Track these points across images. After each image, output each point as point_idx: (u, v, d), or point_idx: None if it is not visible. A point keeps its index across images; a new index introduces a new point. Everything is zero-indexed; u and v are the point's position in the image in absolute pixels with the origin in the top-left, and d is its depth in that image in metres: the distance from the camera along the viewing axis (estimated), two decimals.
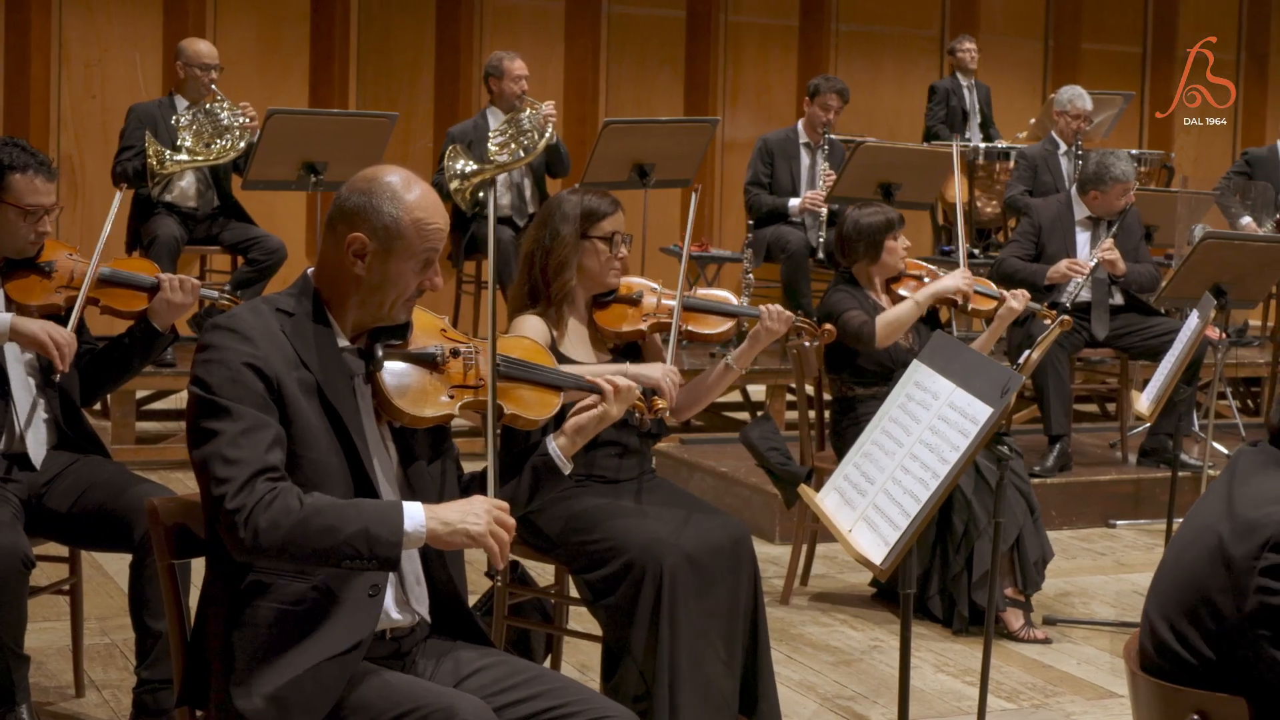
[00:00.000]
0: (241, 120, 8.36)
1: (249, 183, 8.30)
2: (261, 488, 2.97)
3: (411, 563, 3.28)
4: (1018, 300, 6.41)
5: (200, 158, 8.27)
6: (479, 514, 3.07)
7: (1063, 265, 7.85)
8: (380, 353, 3.25)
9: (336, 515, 2.99)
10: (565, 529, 4.50)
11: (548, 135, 9.05)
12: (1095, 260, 7.77)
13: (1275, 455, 2.75)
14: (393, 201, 3.19)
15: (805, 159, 9.56)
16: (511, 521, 3.11)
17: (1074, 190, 8.25)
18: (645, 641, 4.32)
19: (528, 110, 9.09)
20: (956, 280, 6.39)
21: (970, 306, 6.48)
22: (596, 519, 4.48)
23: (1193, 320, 6.35)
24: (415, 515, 3.04)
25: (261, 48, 11.24)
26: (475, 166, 8.94)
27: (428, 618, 3.33)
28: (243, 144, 8.31)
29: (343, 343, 3.24)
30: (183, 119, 8.32)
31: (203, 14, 10.96)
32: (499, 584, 4.43)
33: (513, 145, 9.04)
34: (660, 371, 4.46)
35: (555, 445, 3.55)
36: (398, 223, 3.18)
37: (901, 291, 6.44)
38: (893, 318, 6.25)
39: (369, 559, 2.99)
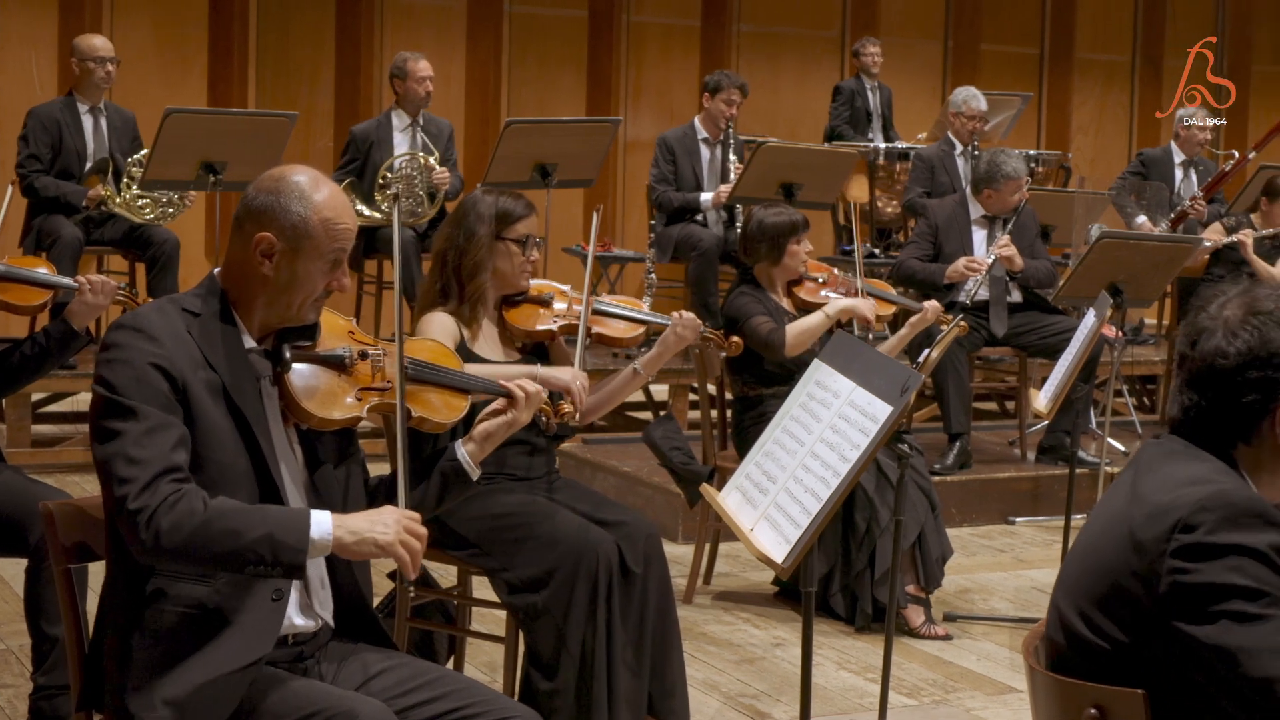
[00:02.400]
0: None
1: (146, 183, 8.22)
2: (165, 488, 2.94)
3: (316, 567, 3.25)
4: (931, 311, 6.46)
5: (148, 214, 8.36)
6: (388, 524, 3.04)
7: (960, 264, 7.92)
8: (288, 354, 3.22)
9: (241, 520, 2.96)
10: (484, 530, 4.49)
11: (439, 199, 9.03)
12: (992, 257, 7.85)
13: (1177, 445, 2.79)
14: (301, 201, 3.17)
15: (706, 154, 9.59)
16: (423, 531, 3.09)
17: (969, 190, 8.32)
18: (582, 635, 4.33)
19: (420, 161, 9.02)
20: (866, 311, 6.43)
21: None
22: (517, 519, 4.49)
23: (1090, 319, 6.42)
24: (322, 523, 3.01)
25: (160, 46, 11.11)
26: (367, 212, 8.92)
27: (331, 622, 3.31)
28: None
29: (250, 343, 3.21)
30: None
31: (99, 12, 10.83)
32: (411, 592, 4.41)
33: (401, 202, 9.00)
34: (570, 375, 4.47)
35: (464, 451, 3.54)
36: (306, 222, 3.16)
37: (802, 295, 6.47)
38: (804, 328, 6.26)
39: (273, 565, 2.97)
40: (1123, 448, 8.73)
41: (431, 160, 9.06)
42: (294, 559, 2.97)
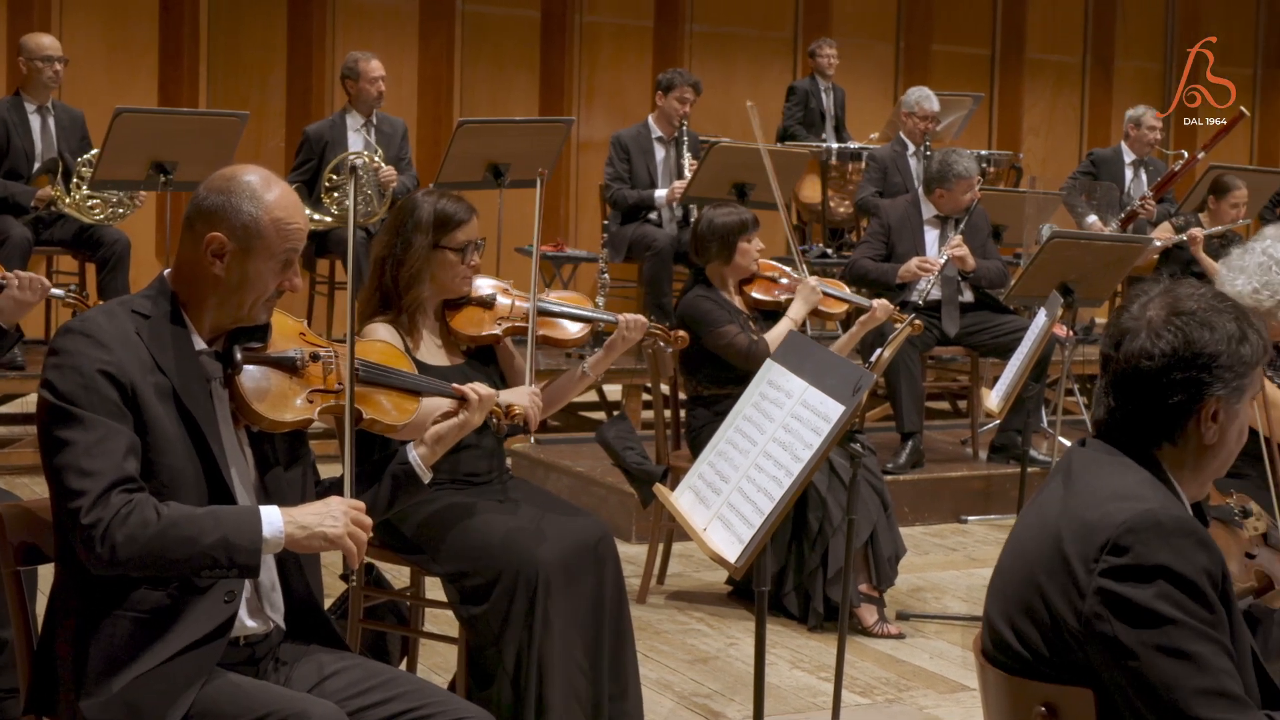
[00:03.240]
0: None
1: (96, 183, 8.17)
2: (117, 500, 2.93)
3: (267, 569, 3.25)
4: (881, 309, 6.47)
5: (98, 214, 8.31)
6: (336, 516, 3.06)
7: (913, 264, 7.95)
8: (239, 355, 3.21)
9: (194, 526, 2.96)
10: (432, 534, 4.48)
11: (387, 197, 8.99)
12: (945, 257, 7.88)
13: (1104, 450, 2.80)
14: (252, 201, 3.16)
15: (660, 153, 9.59)
16: (369, 521, 3.11)
17: (921, 190, 8.35)
18: (518, 649, 4.32)
19: (362, 161, 8.98)
20: (813, 297, 6.44)
21: (822, 309, 6.56)
22: (464, 524, 4.46)
23: (1041, 318, 6.45)
24: (273, 521, 3.02)
25: (109, 46, 11.04)
26: (316, 215, 8.88)
27: (282, 624, 3.30)
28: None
29: (200, 345, 3.20)
30: None
31: (48, 11, 10.76)
32: (353, 584, 4.38)
33: (356, 197, 8.95)
34: (527, 401, 4.28)
35: (415, 454, 3.53)
36: (257, 222, 3.15)
37: (755, 293, 6.48)
38: (778, 336, 6.26)
39: (229, 568, 2.98)
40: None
41: (377, 159, 9.02)
42: (249, 560, 2.99)
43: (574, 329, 4.91)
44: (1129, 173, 10.78)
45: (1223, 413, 2.76)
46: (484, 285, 4.75)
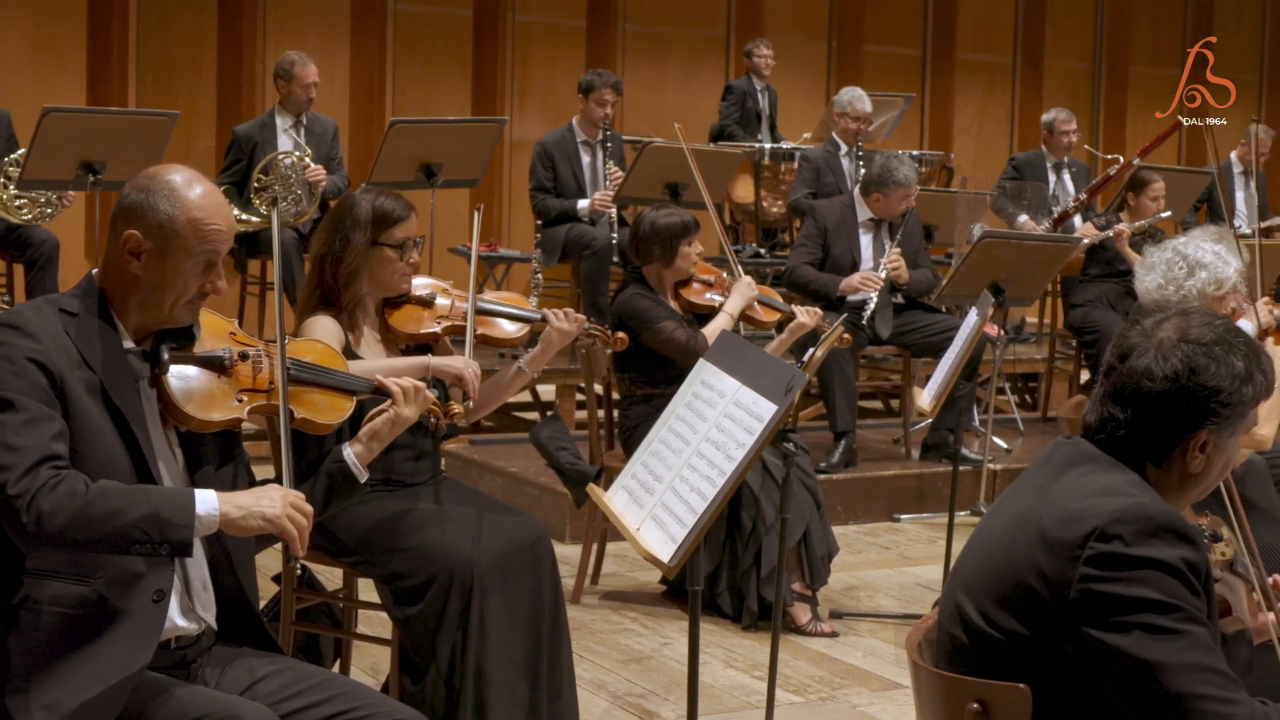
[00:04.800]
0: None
1: (24, 183, 8.09)
2: (45, 473, 2.92)
3: (198, 569, 3.22)
4: (809, 317, 6.49)
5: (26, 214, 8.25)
6: (274, 499, 3.06)
7: (855, 279, 7.99)
8: (166, 355, 3.19)
9: (124, 499, 2.95)
10: (366, 537, 4.46)
11: (316, 196, 8.94)
12: (884, 273, 7.94)
13: (1090, 452, 2.80)
14: (170, 200, 3.14)
15: (585, 158, 9.57)
16: (309, 509, 3.11)
17: (857, 192, 8.38)
18: (452, 650, 4.31)
19: (292, 159, 8.93)
20: (749, 293, 6.47)
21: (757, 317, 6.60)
22: (399, 526, 4.44)
23: (972, 317, 6.48)
24: (207, 499, 3.01)
25: (37, 45, 10.93)
26: (244, 216, 8.82)
27: (214, 624, 3.28)
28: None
29: (128, 344, 3.18)
30: None
31: None
32: (297, 570, 4.36)
33: (280, 203, 8.89)
34: (462, 364, 4.47)
35: (351, 452, 3.52)
36: (174, 221, 3.13)
37: (689, 296, 6.49)
38: (716, 330, 6.27)
39: (160, 543, 2.95)
40: (1005, 445, 8.83)
41: (306, 159, 8.97)
42: (180, 535, 2.96)
43: (512, 329, 4.91)
44: (1051, 176, 10.86)
45: (1212, 445, 2.77)
46: (423, 284, 4.75)
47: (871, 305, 7.81)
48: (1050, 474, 2.81)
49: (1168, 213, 9.52)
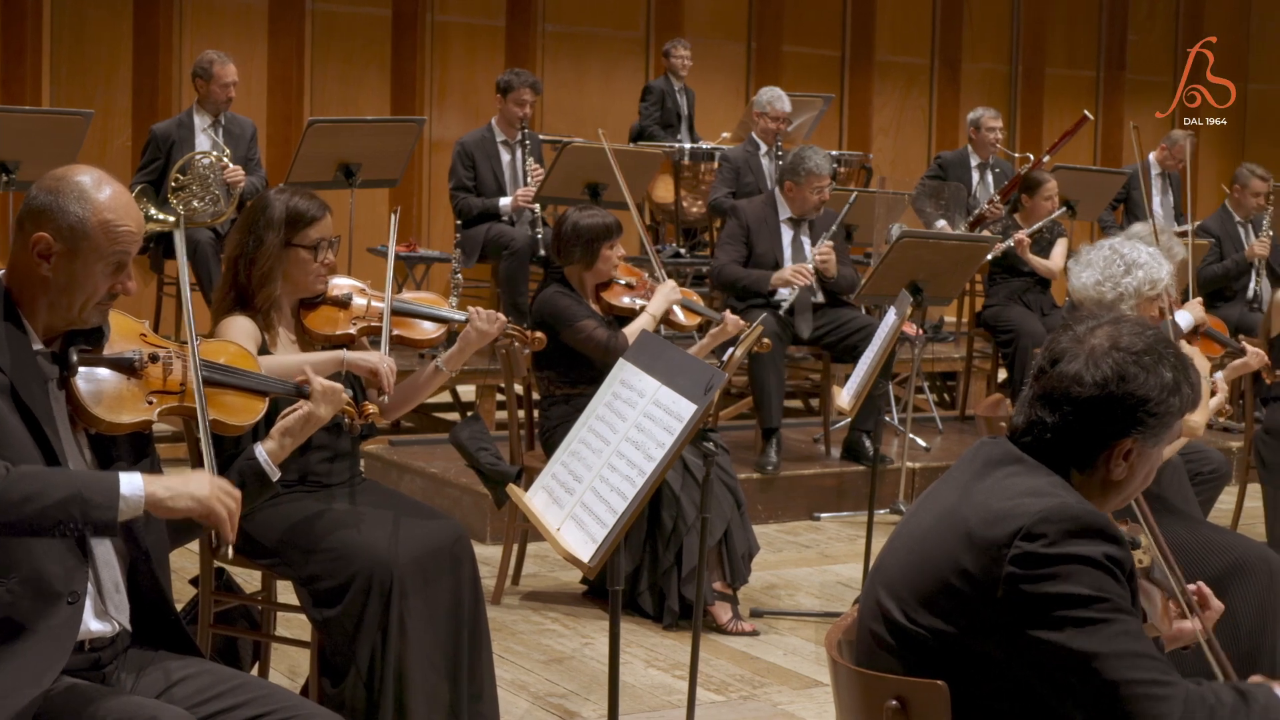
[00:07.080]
0: None
1: None
2: None
3: (110, 570, 3.19)
4: (731, 323, 6.50)
5: None
6: (202, 481, 3.05)
7: (787, 272, 7.96)
8: (74, 357, 3.16)
9: (45, 480, 2.92)
10: (284, 538, 4.42)
11: (234, 196, 8.86)
12: (814, 264, 7.94)
13: (1016, 454, 2.82)
14: (80, 201, 3.11)
15: (505, 156, 9.54)
16: (238, 493, 3.10)
17: (776, 190, 8.39)
18: (371, 652, 4.28)
19: (210, 159, 8.84)
20: (671, 296, 6.49)
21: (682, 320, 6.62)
22: (317, 528, 4.41)
23: (890, 316, 6.52)
24: (133, 481, 2.98)
25: None
26: (160, 216, 8.73)
27: (128, 627, 3.24)
28: None
29: (37, 345, 3.14)
30: None
31: None
32: (228, 555, 4.32)
33: (197, 204, 8.80)
34: (377, 358, 4.45)
35: (263, 450, 3.50)
36: (84, 223, 3.11)
37: (608, 298, 6.48)
38: (636, 331, 6.27)
39: (83, 524, 2.92)
40: (924, 443, 8.88)
41: (224, 159, 8.90)
42: (105, 516, 2.93)
43: (429, 329, 4.89)
44: (975, 175, 10.95)
45: (1136, 453, 2.80)
46: (340, 285, 4.72)
47: (790, 299, 7.81)
48: (974, 474, 2.82)
49: (1061, 209, 9.60)
